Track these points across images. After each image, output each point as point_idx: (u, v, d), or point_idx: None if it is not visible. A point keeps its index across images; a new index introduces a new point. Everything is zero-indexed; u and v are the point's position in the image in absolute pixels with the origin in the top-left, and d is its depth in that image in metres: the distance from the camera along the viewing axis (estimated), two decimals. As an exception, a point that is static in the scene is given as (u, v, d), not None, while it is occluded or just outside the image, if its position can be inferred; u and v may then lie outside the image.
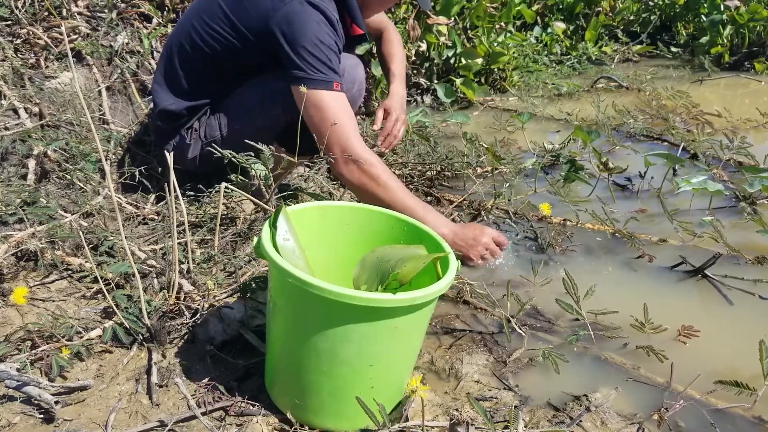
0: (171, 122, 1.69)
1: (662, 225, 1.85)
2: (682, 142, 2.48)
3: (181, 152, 1.71)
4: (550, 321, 1.43)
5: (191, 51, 1.63)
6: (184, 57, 1.65)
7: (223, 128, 1.67)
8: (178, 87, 1.67)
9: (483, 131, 2.67)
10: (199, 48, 1.61)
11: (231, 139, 1.65)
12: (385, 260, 1.06)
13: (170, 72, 1.68)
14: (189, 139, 1.70)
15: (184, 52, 1.64)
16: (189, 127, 1.70)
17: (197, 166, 1.72)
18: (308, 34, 1.48)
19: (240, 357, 1.22)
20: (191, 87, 1.67)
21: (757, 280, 1.58)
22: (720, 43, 4.14)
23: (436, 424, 1.09)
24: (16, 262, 1.40)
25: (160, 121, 1.70)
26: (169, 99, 1.67)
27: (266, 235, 1.02)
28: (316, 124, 1.52)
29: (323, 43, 1.50)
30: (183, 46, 1.64)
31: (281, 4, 1.51)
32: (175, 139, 1.72)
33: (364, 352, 0.97)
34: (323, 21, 1.52)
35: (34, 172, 1.68)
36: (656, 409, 1.15)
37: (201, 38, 1.60)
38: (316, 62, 1.49)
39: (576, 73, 3.89)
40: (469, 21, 3.23)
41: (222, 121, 1.68)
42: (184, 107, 1.67)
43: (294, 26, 1.49)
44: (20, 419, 1.05)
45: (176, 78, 1.66)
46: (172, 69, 1.67)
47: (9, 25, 2.09)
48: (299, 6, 1.50)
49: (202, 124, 1.69)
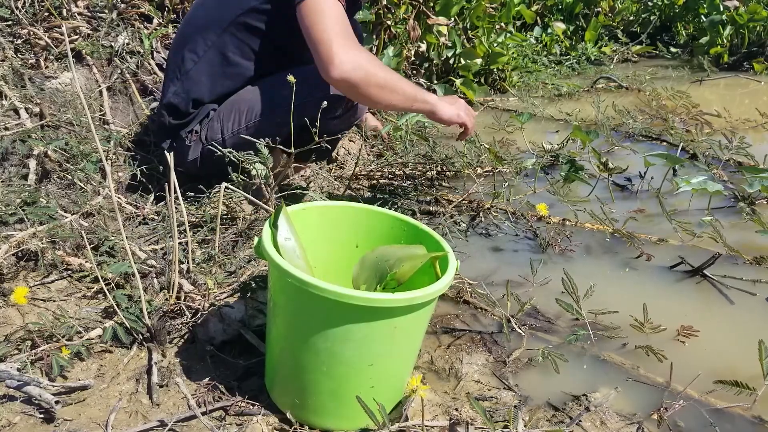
0: (175, 118, 1.69)
1: (661, 225, 1.86)
2: (682, 143, 2.48)
3: (181, 154, 1.71)
4: (550, 321, 1.43)
5: (209, 45, 1.63)
6: (193, 44, 1.65)
7: (226, 132, 1.67)
8: (188, 85, 1.67)
9: (483, 131, 2.67)
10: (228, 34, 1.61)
11: (233, 142, 1.65)
12: (384, 259, 1.06)
13: (181, 69, 1.68)
14: (189, 141, 1.70)
15: (193, 39, 1.64)
16: (190, 130, 1.70)
17: (198, 168, 1.72)
18: None
19: (240, 357, 1.22)
20: (202, 88, 1.67)
21: (756, 280, 1.59)
22: (719, 43, 4.14)
23: (436, 424, 1.09)
24: (17, 262, 1.40)
25: (165, 115, 1.69)
26: (176, 97, 1.67)
27: (267, 235, 1.02)
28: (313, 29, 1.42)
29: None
30: (193, 33, 1.64)
31: None
32: (175, 141, 1.72)
33: (364, 352, 0.97)
34: None
35: (35, 172, 1.69)
36: (656, 408, 1.15)
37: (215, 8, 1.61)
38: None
39: (575, 73, 3.90)
40: (469, 21, 3.24)
41: (225, 124, 1.67)
42: (191, 107, 1.67)
43: None
44: (20, 419, 1.05)
45: (182, 65, 1.66)
46: (183, 66, 1.67)
47: (9, 26, 2.09)
48: None
49: (204, 126, 1.69)
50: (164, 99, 1.70)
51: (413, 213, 1.78)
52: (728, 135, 2.48)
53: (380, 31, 2.78)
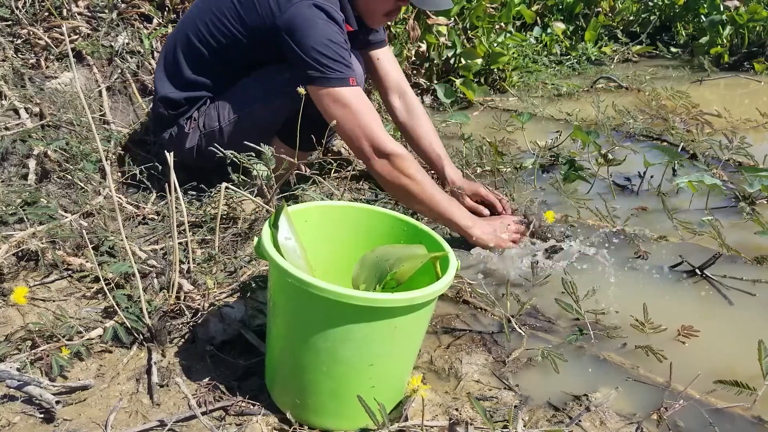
0: (171, 109, 1.71)
1: (662, 224, 1.85)
2: (682, 142, 2.48)
3: (179, 142, 1.72)
4: (550, 321, 1.43)
5: (198, 43, 1.65)
6: (188, 49, 1.67)
7: (223, 119, 1.68)
8: (180, 77, 1.69)
9: (483, 131, 2.67)
10: (206, 41, 1.63)
11: (230, 130, 1.66)
12: (384, 259, 1.06)
13: (173, 62, 1.70)
14: (188, 128, 1.71)
15: (190, 44, 1.67)
16: (188, 117, 1.71)
17: (195, 159, 1.73)
18: (317, 35, 1.50)
19: (240, 357, 1.22)
20: (193, 78, 1.69)
21: (756, 280, 1.59)
22: (719, 43, 4.14)
23: (436, 424, 1.09)
24: (17, 262, 1.40)
25: (161, 107, 1.72)
26: (169, 88, 1.70)
27: (267, 235, 1.02)
28: (342, 122, 1.52)
29: (333, 41, 1.51)
30: (189, 39, 1.67)
31: (288, 4, 1.52)
32: (173, 129, 1.74)
33: (364, 352, 0.97)
34: (330, 20, 1.53)
35: (35, 172, 1.69)
36: (655, 408, 1.15)
37: (209, 32, 1.63)
38: (330, 61, 1.50)
39: (576, 73, 3.89)
40: (469, 21, 3.23)
41: (222, 111, 1.69)
42: (183, 97, 1.69)
43: (302, 29, 1.50)
44: (20, 419, 1.05)
45: (178, 68, 1.69)
46: (175, 59, 1.69)
47: (9, 25, 2.09)
48: (306, 9, 1.51)
49: (201, 113, 1.70)
50: (159, 93, 1.72)
51: (413, 213, 1.77)
52: (729, 135, 2.47)
53: (381, 31, 2.78)
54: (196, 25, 1.66)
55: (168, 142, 1.75)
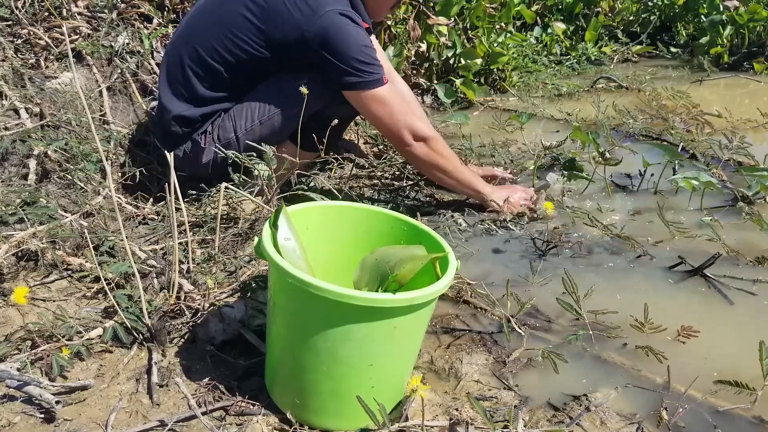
0: (185, 126, 1.69)
1: (661, 227, 1.85)
2: (682, 142, 2.48)
3: (195, 158, 1.70)
4: (550, 321, 1.43)
5: (212, 61, 1.63)
6: (201, 66, 1.64)
7: (239, 129, 1.67)
8: (194, 94, 1.67)
9: (483, 131, 2.67)
10: (222, 59, 1.63)
11: (246, 140, 1.65)
12: (384, 261, 1.06)
13: (183, 79, 1.67)
14: (204, 143, 1.69)
15: (202, 61, 1.64)
16: (203, 132, 1.70)
17: (209, 173, 1.71)
18: (353, 44, 1.57)
19: (240, 357, 1.22)
20: (209, 94, 1.67)
21: (756, 280, 1.59)
22: (719, 43, 4.14)
23: (436, 424, 1.09)
24: (17, 262, 1.40)
25: (175, 126, 1.69)
26: (184, 106, 1.67)
27: (267, 235, 1.02)
28: (384, 118, 1.67)
29: (366, 46, 1.60)
30: (200, 56, 1.64)
31: (314, 16, 1.54)
32: (187, 145, 1.71)
33: (364, 352, 0.97)
34: (357, 26, 1.60)
35: (35, 172, 1.69)
36: (655, 409, 1.15)
37: (226, 49, 1.62)
38: (366, 66, 1.59)
39: (576, 73, 3.89)
40: (469, 21, 3.23)
41: (237, 122, 1.67)
42: (200, 114, 1.68)
43: (337, 41, 1.56)
44: (20, 419, 1.05)
45: (191, 85, 1.66)
46: (185, 77, 1.66)
47: (9, 25, 2.09)
48: (335, 17, 1.55)
49: (215, 126, 1.69)
50: (172, 112, 1.68)
51: (413, 213, 1.78)
52: (729, 135, 2.47)
53: (380, 31, 2.78)
54: (208, 42, 1.62)
55: (182, 159, 1.71)
